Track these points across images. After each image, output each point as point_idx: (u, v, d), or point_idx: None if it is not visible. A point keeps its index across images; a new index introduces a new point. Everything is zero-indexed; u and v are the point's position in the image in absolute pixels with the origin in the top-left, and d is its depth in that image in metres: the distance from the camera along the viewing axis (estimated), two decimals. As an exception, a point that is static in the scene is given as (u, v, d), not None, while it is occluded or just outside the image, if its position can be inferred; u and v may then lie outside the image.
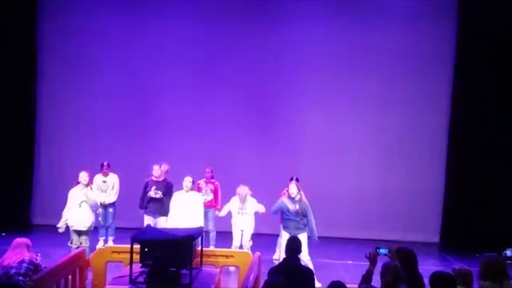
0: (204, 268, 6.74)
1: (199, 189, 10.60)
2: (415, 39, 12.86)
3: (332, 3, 13.17)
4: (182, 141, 13.14)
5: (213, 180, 11.03)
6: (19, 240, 6.54)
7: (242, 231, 9.92)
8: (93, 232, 9.76)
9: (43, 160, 13.48)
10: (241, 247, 9.85)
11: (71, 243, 9.20)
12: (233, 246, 9.82)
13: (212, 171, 11.06)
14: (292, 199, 8.98)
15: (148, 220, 9.95)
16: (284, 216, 9.04)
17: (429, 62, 12.85)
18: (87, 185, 9.33)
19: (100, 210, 10.56)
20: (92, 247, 9.15)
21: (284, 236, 8.74)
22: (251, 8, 13.09)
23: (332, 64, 13.09)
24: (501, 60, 12.11)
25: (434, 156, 12.90)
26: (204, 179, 10.96)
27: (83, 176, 9.26)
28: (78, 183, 9.25)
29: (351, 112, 13.05)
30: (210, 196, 10.78)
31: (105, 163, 11.14)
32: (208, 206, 10.67)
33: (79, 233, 9.15)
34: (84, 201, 9.16)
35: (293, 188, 9.04)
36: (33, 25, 13.13)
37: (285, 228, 9.02)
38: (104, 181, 11.06)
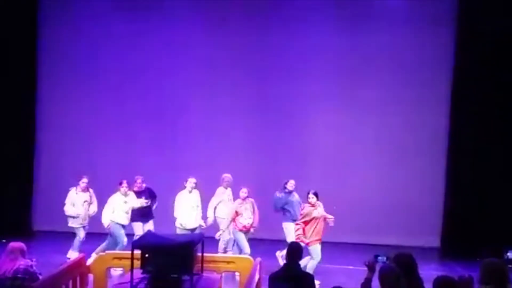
0: (205, 274, 6.73)
1: (236, 214, 9.83)
2: (415, 41, 12.82)
3: (333, 9, 13.16)
4: (184, 145, 13.13)
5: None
6: (14, 244, 6.24)
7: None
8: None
9: (44, 165, 13.46)
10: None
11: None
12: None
13: (248, 192, 9.99)
14: None
15: (138, 226, 10.20)
16: None
17: (429, 63, 12.81)
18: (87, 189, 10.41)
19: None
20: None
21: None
22: (257, 11, 13.07)
23: (334, 68, 13.09)
24: (501, 61, 12.08)
25: (434, 158, 12.85)
26: (240, 200, 9.94)
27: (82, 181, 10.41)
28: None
29: (351, 114, 13.02)
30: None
31: (124, 181, 10.04)
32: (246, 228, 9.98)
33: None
34: (86, 201, 10.32)
35: None
36: (34, 27, 13.14)
37: None
38: (126, 202, 10.05)
